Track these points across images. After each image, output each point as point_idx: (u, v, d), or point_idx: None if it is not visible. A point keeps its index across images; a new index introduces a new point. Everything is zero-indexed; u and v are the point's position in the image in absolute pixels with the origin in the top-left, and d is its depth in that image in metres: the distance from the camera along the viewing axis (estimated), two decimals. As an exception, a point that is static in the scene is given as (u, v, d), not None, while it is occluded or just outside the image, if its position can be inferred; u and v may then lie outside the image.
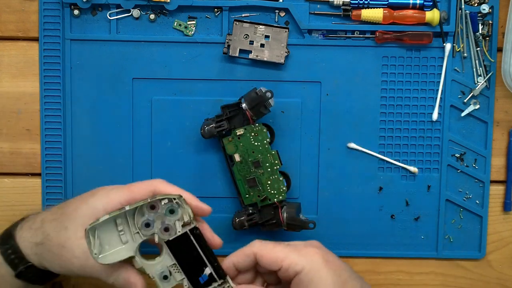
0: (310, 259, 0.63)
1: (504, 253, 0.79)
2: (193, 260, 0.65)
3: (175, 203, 0.64)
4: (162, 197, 0.63)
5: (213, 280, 0.65)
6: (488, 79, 0.76)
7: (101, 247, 0.63)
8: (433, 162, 0.77)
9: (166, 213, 0.64)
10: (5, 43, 0.76)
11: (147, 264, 0.65)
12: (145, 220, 0.64)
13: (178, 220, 0.64)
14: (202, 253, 0.65)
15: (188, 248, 0.65)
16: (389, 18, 0.75)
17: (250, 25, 0.75)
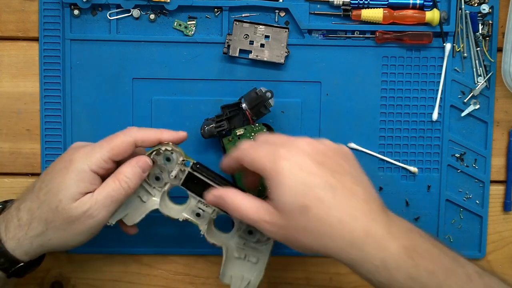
0: (278, 164, 0.58)
1: (504, 253, 0.79)
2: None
3: (167, 152, 0.66)
4: (154, 150, 0.66)
5: None
6: (488, 79, 0.76)
7: (127, 214, 0.69)
8: (433, 162, 0.78)
9: (165, 162, 0.67)
10: (5, 43, 0.76)
11: (176, 210, 0.69)
12: (154, 175, 0.68)
13: (178, 164, 0.67)
14: (212, 182, 0.67)
15: (199, 182, 0.67)
16: (389, 18, 0.75)
17: (250, 25, 0.75)
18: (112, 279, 0.78)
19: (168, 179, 0.68)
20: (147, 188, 0.69)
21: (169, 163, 0.67)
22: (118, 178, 0.64)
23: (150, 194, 0.69)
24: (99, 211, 0.63)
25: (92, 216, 0.63)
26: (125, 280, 0.78)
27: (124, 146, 0.65)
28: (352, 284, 0.79)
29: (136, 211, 0.69)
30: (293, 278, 0.79)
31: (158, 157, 0.67)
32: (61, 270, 0.78)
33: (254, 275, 0.70)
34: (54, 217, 0.63)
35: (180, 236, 0.78)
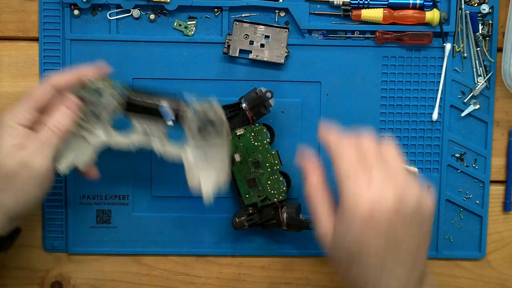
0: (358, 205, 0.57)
1: (504, 253, 0.79)
2: (151, 109, 0.67)
3: (92, 84, 0.66)
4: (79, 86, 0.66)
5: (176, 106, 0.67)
6: (488, 79, 0.76)
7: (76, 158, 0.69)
8: (433, 162, 0.78)
9: (96, 96, 0.67)
10: (5, 43, 0.76)
11: (124, 138, 0.69)
12: (90, 112, 0.67)
13: (110, 94, 0.67)
14: (150, 100, 0.67)
15: (139, 105, 0.67)
16: (389, 18, 0.75)
17: (250, 25, 0.75)
18: (112, 279, 0.78)
19: (105, 111, 0.67)
20: (88, 127, 0.68)
21: (101, 96, 0.67)
22: (48, 124, 0.64)
23: (93, 132, 0.68)
24: (33, 158, 0.63)
25: (27, 165, 0.63)
26: (125, 280, 0.78)
27: (44, 93, 0.65)
28: (352, 284, 0.79)
29: (83, 152, 0.69)
30: (293, 278, 0.79)
31: (87, 92, 0.66)
32: (61, 270, 0.78)
33: (219, 171, 0.69)
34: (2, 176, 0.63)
35: (180, 236, 0.78)
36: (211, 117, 0.67)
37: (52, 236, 0.77)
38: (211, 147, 0.69)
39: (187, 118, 0.67)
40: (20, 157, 0.63)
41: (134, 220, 0.77)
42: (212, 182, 0.69)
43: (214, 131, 0.68)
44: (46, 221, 0.77)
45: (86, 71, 0.67)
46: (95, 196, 0.77)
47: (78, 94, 0.66)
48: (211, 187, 0.69)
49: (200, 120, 0.67)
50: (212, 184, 0.69)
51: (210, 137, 0.68)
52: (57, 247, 0.78)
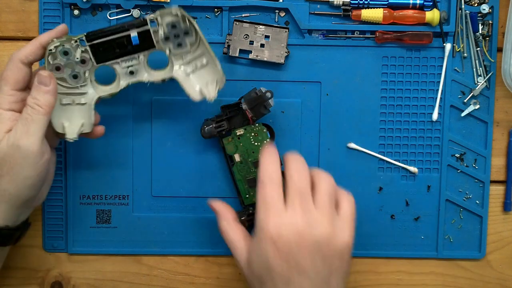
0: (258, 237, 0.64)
1: (504, 253, 0.79)
2: (121, 46, 0.67)
3: (57, 48, 0.66)
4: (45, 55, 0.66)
5: (149, 40, 0.67)
6: (488, 79, 0.76)
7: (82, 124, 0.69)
8: (433, 162, 0.78)
9: (67, 58, 0.66)
10: (5, 43, 0.76)
11: (112, 86, 0.69)
12: (70, 76, 0.67)
13: (76, 49, 0.66)
14: (117, 33, 0.67)
15: (108, 46, 0.67)
16: (389, 18, 0.75)
17: (250, 25, 0.75)
18: (112, 279, 0.78)
19: (82, 67, 0.67)
20: (76, 91, 0.68)
21: (70, 55, 0.66)
22: (28, 103, 0.64)
23: (82, 93, 0.68)
24: (22, 139, 0.62)
25: (19, 147, 0.62)
26: (125, 280, 0.78)
27: (14, 70, 0.65)
28: (351, 284, 0.79)
29: (82, 114, 0.69)
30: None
31: (56, 59, 0.66)
32: (61, 270, 0.78)
33: (215, 74, 0.69)
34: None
35: (180, 236, 0.78)
36: (178, 25, 0.67)
37: (52, 236, 0.77)
38: (198, 56, 0.69)
39: (158, 36, 0.67)
40: (8, 140, 0.63)
41: (134, 220, 0.77)
42: (212, 85, 0.70)
43: (188, 36, 0.68)
44: (46, 221, 0.77)
45: (47, 36, 0.66)
46: (95, 196, 0.77)
47: (50, 63, 0.66)
48: (212, 89, 0.69)
49: (169, 32, 0.67)
50: (213, 87, 0.70)
51: (187, 42, 0.68)
52: (57, 247, 0.78)
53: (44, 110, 0.64)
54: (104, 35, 0.67)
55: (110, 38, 0.67)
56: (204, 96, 0.70)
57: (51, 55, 0.66)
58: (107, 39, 0.67)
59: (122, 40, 0.67)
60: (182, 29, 0.68)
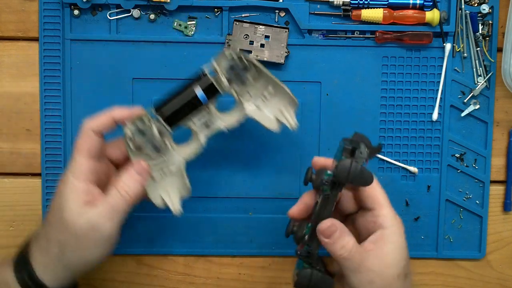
0: (400, 225, 0.65)
1: (504, 253, 0.79)
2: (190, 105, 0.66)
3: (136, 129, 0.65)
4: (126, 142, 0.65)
5: (215, 91, 0.66)
6: (488, 79, 0.76)
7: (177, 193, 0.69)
8: (433, 162, 0.78)
9: (144, 135, 0.66)
10: (5, 43, 0.76)
11: (194, 144, 0.69)
12: (153, 150, 0.66)
13: (151, 126, 0.66)
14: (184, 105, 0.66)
15: (177, 111, 0.66)
16: (389, 18, 0.75)
17: (250, 25, 0.75)
18: (112, 279, 0.78)
19: (161, 139, 0.66)
20: (162, 162, 0.67)
21: (147, 133, 0.66)
22: (117, 187, 0.64)
23: (170, 161, 0.68)
24: (103, 223, 0.62)
25: (97, 229, 0.62)
26: (125, 280, 0.78)
27: (89, 141, 0.64)
28: (352, 284, 0.79)
29: (177, 182, 0.68)
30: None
31: (135, 140, 0.65)
32: (61, 270, 0.78)
33: (285, 99, 0.69)
34: (64, 236, 0.63)
35: (180, 236, 0.78)
36: (235, 65, 0.66)
37: (52, 236, 0.77)
38: (259, 86, 0.68)
39: (221, 82, 0.66)
40: (89, 218, 0.62)
41: (134, 220, 0.77)
42: (287, 111, 0.69)
43: (247, 71, 0.67)
44: (46, 221, 0.77)
45: (120, 112, 0.66)
46: (95, 196, 0.77)
47: (131, 147, 0.65)
48: (289, 116, 0.69)
49: (230, 75, 0.66)
50: (289, 113, 0.69)
51: (248, 77, 0.67)
52: (57, 247, 0.78)
53: (132, 199, 0.64)
54: (172, 104, 0.66)
55: (180, 106, 0.66)
56: (282, 124, 0.69)
57: (129, 139, 0.65)
58: (178, 107, 0.66)
59: (190, 100, 0.66)
60: (240, 67, 0.67)
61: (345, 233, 0.63)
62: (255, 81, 0.67)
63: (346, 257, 0.62)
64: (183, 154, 0.68)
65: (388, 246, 0.63)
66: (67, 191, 0.63)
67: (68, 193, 0.63)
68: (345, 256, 0.62)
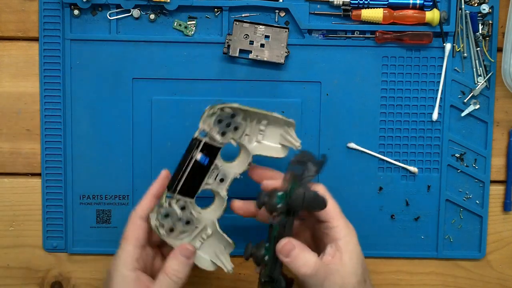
0: (353, 234, 0.67)
1: (504, 253, 0.79)
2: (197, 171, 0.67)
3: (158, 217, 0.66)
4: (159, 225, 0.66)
5: (213, 149, 0.67)
6: (488, 79, 0.76)
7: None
8: (433, 162, 0.78)
9: (168, 219, 0.67)
10: (5, 43, 0.76)
11: (215, 207, 0.70)
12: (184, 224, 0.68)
13: (174, 205, 0.67)
14: (192, 174, 0.67)
15: (186, 182, 0.67)
16: (389, 18, 0.75)
17: (250, 25, 0.75)
18: (112, 279, 0.78)
19: (186, 213, 0.67)
20: (198, 231, 0.69)
21: (172, 214, 0.67)
22: (167, 273, 0.65)
23: (202, 228, 0.69)
24: None
25: None
26: (125, 280, 0.78)
27: (136, 229, 0.66)
28: (352, 284, 0.79)
29: (218, 241, 0.69)
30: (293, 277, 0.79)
31: (164, 227, 0.67)
32: (61, 270, 0.78)
33: (282, 123, 0.69)
34: None
35: (180, 236, 0.78)
36: (222, 117, 0.67)
37: (52, 236, 0.77)
38: (252, 124, 0.69)
39: (215, 138, 0.67)
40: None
41: (134, 220, 0.77)
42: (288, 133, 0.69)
43: (235, 116, 0.68)
44: (46, 221, 0.77)
45: (157, 186, 0.68)
46: (95, 196, 0.77)
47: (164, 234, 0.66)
48: (291, 137, 0.69)
49: (221, 128, 0.67)
50: (290, 135, 0.69)
51: (239, 121, 0.68)
52: (57, 247, 0.78)
53: (181, 281, 0.65)
54: (180, 178, 0.66)
55: (188, 177, 0.66)
56: (288, 147, 0.69)
57: (158, 228, 0.66)
58: (187, 179, 0.66)
59: (194, 167, 0.66)
60: (227, 116, 0.67)
61: (305, 250, 0.64)
62: (247, 121, 0.67)
63: (310, 274, 0.63)
64: (213, 215, 0.69)
65: (345, 256, 0.65)
66: (118, 280, 0.64)
67: (119, 282, 0.64)
68: (309, 273, 0.63)
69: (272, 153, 0.69)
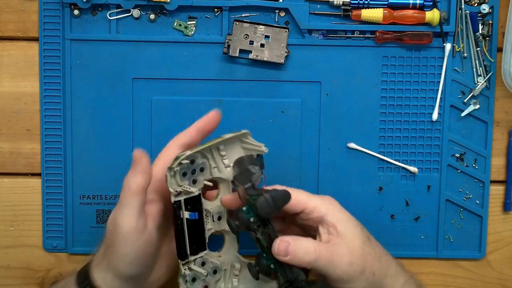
0: (332, 204, 0.67)
1: (504, 253, 0.79)
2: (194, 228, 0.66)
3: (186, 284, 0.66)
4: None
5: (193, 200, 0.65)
6: (488, 79, 0.76)
7: None
8: (433, 162, 0.78)
9: (199, 279, 0.67)
10: (5, 43, 0.76)
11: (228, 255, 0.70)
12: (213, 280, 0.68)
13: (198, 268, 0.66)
14: (191, 234, 0.65)
15: (194, 240, 0.66)
16: (389, 18, 0.75)
17: (250, 25, 0.75)
18: (112, 279, 0.78)
19: (209, 266, 0.67)
20: (230, 271, 0.69)
21: (198, 276, 0.67)
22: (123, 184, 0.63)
23: (230, 265, 0.69)
24: (118, 217, 0.63)
25: (116, 223, 0.63)
26: (125, 280, 0.78)
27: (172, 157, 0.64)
28: (352, 284, 0.79)
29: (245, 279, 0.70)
30: (293, 278, 0.79)
31: (197, 285, 0.66)
32: (61, 270, 0.78)
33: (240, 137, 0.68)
34: (107, 234, 0.65)
35: (180, 236, 0.78)
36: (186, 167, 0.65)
37: (52, 236, 0.78)
38: (214, 155, 0.68)
39: (191, 191, 0.66)
40: (112, 216, 0.64)
41: (134, 220, 0.77)
42: (245, 141, 0.69)
43: (198, 157, 0.66)
44: (46, 221, 0.77)
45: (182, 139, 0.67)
46: (95, 196, 0.77)
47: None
48: (252, 144, 0.68)
49: (191, 173, 0.66)
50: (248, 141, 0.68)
51: (202, 161, 0.67)
52: (57, 247, 0.78)
53: (133, 191, 0.63)
54: (184, 243, 0.65)
55: (189, 238, 0.65)
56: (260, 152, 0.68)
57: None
58: (188, 241, 0.65)
59: (190, 225, 0.65)
60: (188, 165, 0.65)
61: (299, 240, 0.64)
62: (207, 157, 0.66)
63: (316, 259, 0.63)
64: (232, 251, 0.69)
65: (339, 227, 0.65)
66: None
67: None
68: (313, 258, 0.63)
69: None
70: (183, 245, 0.65)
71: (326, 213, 0.65)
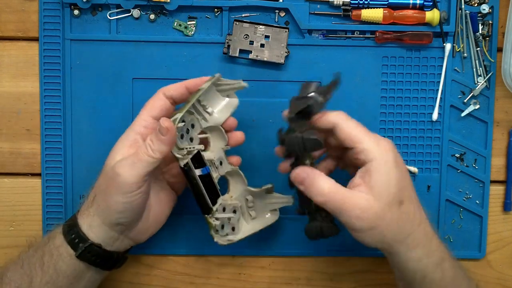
0: (384, 152, 0.64)
1: (504, 253, 0.79)
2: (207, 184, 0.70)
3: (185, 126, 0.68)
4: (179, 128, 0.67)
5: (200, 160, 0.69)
6: (488, 79, 0.76)
7: None
8: (433, 162, 0.78)
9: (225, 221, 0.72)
10: (5, 43, 0.76)
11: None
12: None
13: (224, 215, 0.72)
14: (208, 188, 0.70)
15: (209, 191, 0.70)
16: (389, 18, 0.75)
17: (250, 25, 0.75)
18: (112, 279, 0.78)
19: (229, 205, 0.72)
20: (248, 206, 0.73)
21: (224, 221, 0.72)
22: (146, 140, 0.65)
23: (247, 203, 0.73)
24: (124, 168, 0.64)
25: (118, 172, 0.64)
26: (125, 280, 0.78)
27: (156, 100, 0.68)
28: (352, 284, 0.79)
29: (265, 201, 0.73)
30: (293, 278, 0.79)
31: (225, 228, 0.72)
32: (61, 270, 0.78)
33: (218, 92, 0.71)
34: (99, 180, 0.67)
35: (180, 236, 0.78)
36: (184, 128, 0.69)
37: (52, 236, 0.77)
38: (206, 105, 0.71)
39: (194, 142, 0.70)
40: (115, 163, 0.65)
41: (134, 220, 0.77)
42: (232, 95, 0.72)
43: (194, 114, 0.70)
44: (46, 221, 0.77)
45: (193, 81, 0.69)
46: (95, 196, 0.77)
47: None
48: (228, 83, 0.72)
49: (189, 131, 0.69)
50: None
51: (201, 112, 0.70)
52: (57, 247, 0.78)
53: (155, 155, 0.64)
54: (204, 199, 0.69)
55: (207, 192, 0.69)
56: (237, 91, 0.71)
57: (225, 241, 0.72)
58: (207, 195, 0.69)
59: (204, 181, 0.69)
60: (181, 127, 0.67)
61: (318, 179, 0.63)
62: (192, 113, 0.69)
63: (326, 202, 0.63)
64: (240, 189, 0.73)
65: (374, 178, 0.63)
66: (119, 140, 0.67)
67: (118, 142, 0.67)
68: (323, 200, 0.63)
69: (232, 106, 0.71)
70: (205, 201, 0.69)
71: (372, 160, 0.63)
